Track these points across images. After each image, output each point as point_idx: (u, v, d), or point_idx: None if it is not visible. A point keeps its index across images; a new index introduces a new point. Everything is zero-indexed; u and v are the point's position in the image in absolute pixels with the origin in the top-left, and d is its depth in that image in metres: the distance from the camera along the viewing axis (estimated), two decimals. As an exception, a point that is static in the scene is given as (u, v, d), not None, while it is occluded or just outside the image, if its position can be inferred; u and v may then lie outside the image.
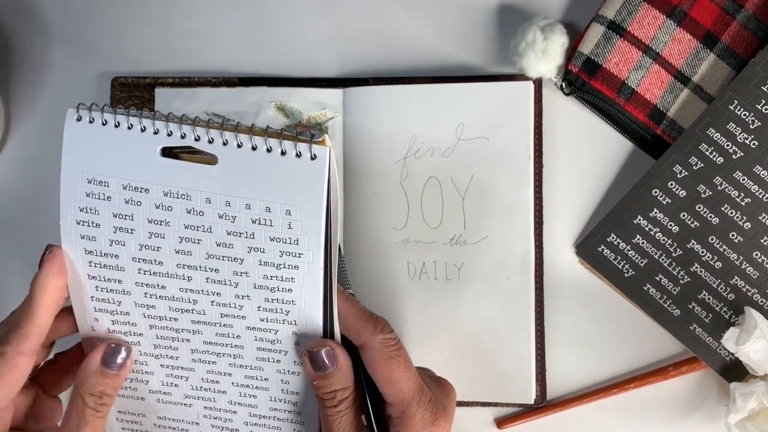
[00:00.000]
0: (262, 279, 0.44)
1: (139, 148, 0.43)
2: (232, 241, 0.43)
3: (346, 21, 0.59)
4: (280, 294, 0.44)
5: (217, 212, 0.43)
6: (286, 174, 0.42)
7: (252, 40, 0.60)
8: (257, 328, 0.45)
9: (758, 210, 0.53)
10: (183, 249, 0.44)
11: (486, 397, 0.56)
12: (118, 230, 0.44)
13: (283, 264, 0.43)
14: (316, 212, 0.42)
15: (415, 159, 0.57)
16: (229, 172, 0.42)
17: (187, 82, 0.59)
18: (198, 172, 0.43)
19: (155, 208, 0.43)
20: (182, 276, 0.44)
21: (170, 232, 0.43)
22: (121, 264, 0.44)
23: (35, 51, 0.61)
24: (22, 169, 0.61)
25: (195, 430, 0.50)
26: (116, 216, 0.44)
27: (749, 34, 0.55)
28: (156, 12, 0.60)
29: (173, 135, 0.43)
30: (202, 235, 0.43)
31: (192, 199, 0.43)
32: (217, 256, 0.43)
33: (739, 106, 0.53)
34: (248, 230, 0.43)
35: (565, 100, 0.57)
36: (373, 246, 0.57)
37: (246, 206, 0.43)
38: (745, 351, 0.50)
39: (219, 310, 0.45)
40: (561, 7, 0.58)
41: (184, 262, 0.44)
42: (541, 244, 0.56)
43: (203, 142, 0.42)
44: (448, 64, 0.59)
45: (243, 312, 0.45)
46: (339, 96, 0.58)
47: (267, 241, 0.43)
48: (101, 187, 0.44)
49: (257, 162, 0.42)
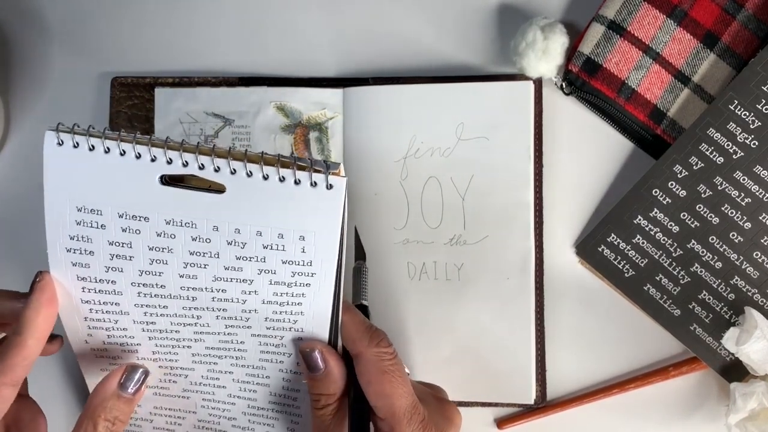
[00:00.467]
0: (271, 296, 0.42)
1: (134, 176, 0.40)
2: (241, 265, 0.41)
3: (346, 21, 0.59)
4: (289, 307, 0.43)
5: (226, 239, 0.41)
6: (301, 203, 0.40)
7: (252, 40, 0.60)
8: (262, 335, 0.45)
9: (758, 210, 0.53)
10: (188, 273, 0.42)
11: (486, 397, 0.56)
12: (115, 257, 0.41)
13: (295, 283, 0.42)
14: (332, 239, 0.40)
15: (415, 159, 0.57)
16: (239, 200, 0.40)
17: (186, 82, 0.59)
18: (204, 200, 0.40)
19: (156, 236, 0.41)
20: (187, 296, 0.43)
21: (173, 258, 0.41)
22: (119, 288, 0.42)
23: (35, 51, 0.61)
24: (22, 169, 0.61)
25: (192, 417, 0.50)
26: (112, 244, 0.41)
27: (749, 33, 0.55)
28: (156, 12, 0.60)
29: (173, 163, 0.40)
30: (209, 260, 0.41)
31: (198, 228, 0.41)
32: (225, 278, 0.42)
33: (740, 105, 0.53)
34: (259, 255, 0.41)
35: (565, 100, 0.57)
36: (373, 246, 0.57)
37: (257, 233, 0.40)
38: (745, 351, 0.50)
39: (224, 322, 0.44)
40: (561, 7, 0.58)
41: (189, 284, 0.42)
42: (541, 244, 0.56)
43: (209, 170, 0.39)
44: (448, 64, 0.59)
45: (249, 323, 0.44)
46: (339, 96, 0.58)
47: (279, 263, 0.41)
48: (93, 215, 0.41)
49: (269, 191, 0.40)
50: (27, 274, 0.58)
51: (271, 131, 0.58)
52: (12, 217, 0.60)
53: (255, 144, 0.58)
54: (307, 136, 0.58)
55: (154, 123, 0.58)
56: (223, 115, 0.58)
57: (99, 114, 0.60)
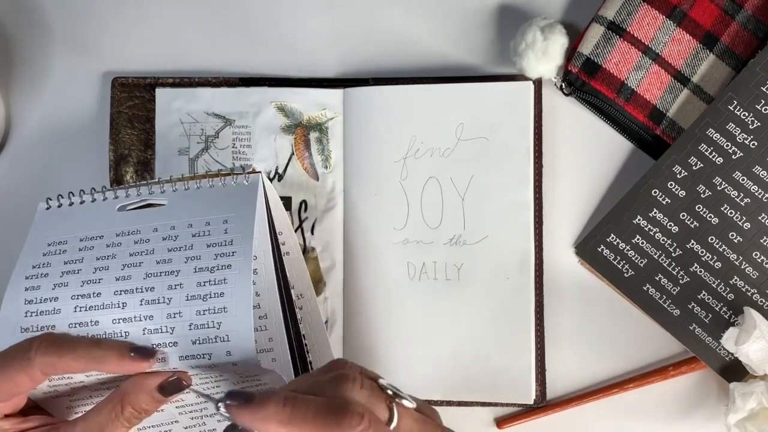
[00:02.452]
0: (195, 287, 0.44)
1: (99, 211, 0.49)
2: (171, 257, 0.45)
3: (346, 21, 0.59)
4: (212, 301, 0.44)
5: (162, 236, 0.46)
6: (226, 196, 0.47)
7: (252, 40, 0.60)
8: (190, 356, 0.43)
9: (758, 210, 0.53)
10: (123, 275, 0.45)
11: (486, 397, 0.56)
12: (65, 274, 0.46)
13: (217, 266, 0.44)
14: (249, 220, 0.46)
15: (415, 159, 0.57)
16: (177, 206, 0.48)
17: (187, 83, 0.59)
18: (151, 213, 0.48)
19: (105, 247, 0.47)
20: (117, 303, 0.45)
21: (115, 263, 0.46)
22: (59, 306, 0.45)
23: (36, 51, 0.61)
24: (23, 169, 0.61)
25: None
26: (67, 262, 0.47)
27: (749, 34, 0.55)
28: (156, 12, 0.60)
29: (130, 196, 0.49)
30: (145, 257, 0.46)
31: (141, 232, 0.47)
32: (155, 273, 0.45)
33: (739, 106, 0.53)
34: (188, 243, 0.46)
35: (565, 100, 0.57)
36: (373, 246, 0.57)
37: (188, 225, 0.47)
38: (744, 351, 0.51)
39: (150, 338, 0.44)
40: (561, 7, 0.58)
41: (122, 287, 0.45)
42: (540, 244, 0.56)
43: (156, 194, 0.49)
44: (448, 64, 0.59)
45: (174, 336, 0.44)
46: (339, 96, 0.58)
47: (204, 248, 0.45)
48: (59, 245, 0.48)
49: (201, 195, 0.48)
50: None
51: (271, 131, 0.58)
52: (12, 216, 0.60)
53: (255, 144, 0.58)
54: (307, 136, 0.58)
55: (154, 123, 0.59)
56: (224, 115, 0.58)
57: (99, 114, 0.60)
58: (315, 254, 0.58)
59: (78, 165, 0.60)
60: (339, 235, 0.58)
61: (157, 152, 0.58)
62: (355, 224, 0.57)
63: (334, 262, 0.58)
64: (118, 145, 0.59)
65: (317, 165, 0.58)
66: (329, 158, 0.58)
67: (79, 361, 0.43)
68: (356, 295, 0.57)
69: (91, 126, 0.60)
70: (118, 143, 0.59)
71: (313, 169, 0.58)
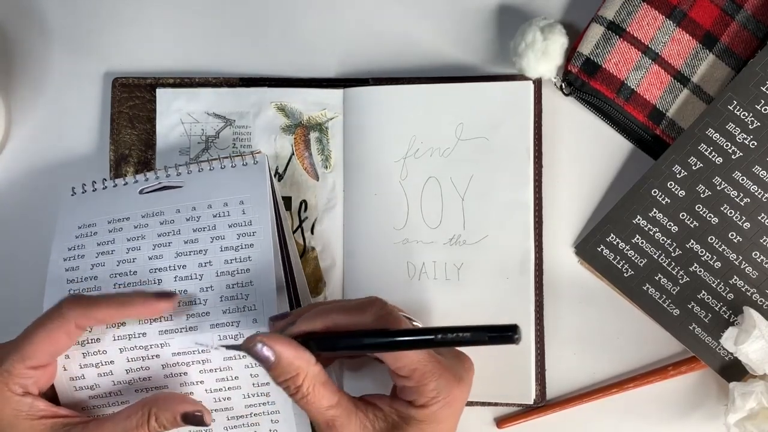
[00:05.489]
0: (223, 264, 0.50)
1: (121, 195, 0.54)
2: (197, 236, 0.51)
3: (346, 21, 0.60)
4: (240, 276, 0.50)
5: (185, 216, 0.52)
6: (237, 177, 0.53)
7: (252, 40, 0.60)
8: (221, 324, 0.49)
9: (757, 210, 0.53)
10: (155, 254, 0.51)
11: (486, 397, 0.56)
12: (100, 255, 0.51)
13: (241, 245, 0.50)
14: (263, 199, 0.52)
15: (415, 159, 0.57)
16: (194, 187, 0.53)
17: (187, 83, 0.59)
18: (170, 194, 0.53)
19: (134, 228, 0.52)
20: (154, 280, 0.50)
21: (146, 243, 0.51)
22: (99, 284, 0.50)
23: (36, 51, 0.61)
24: (23, 169, 0.61)
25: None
26: (100, 244, 0.52)
27: (748, 34, 0.55)
28: (157, 12, 0.60)
29: (149, 180, 0.54)
30: (173, 237, 0.51)
31: (165, 213, 0.52)
32: (185, 252, 0.51)
33: (739, 106, 0.53)
34: (210, 223, 0.51)
35: (565, 100, 0.57)
36: (373, 246, 0.57)
37: (208, 206, 0.52)
38: (744, 351, 0.51)
39: (185, 310, 0.49)
40: (561, 7, 0.58)
41: (156, 265, 0.51)
42: (540, 244, 0.56)
43: (172, 177, 0.54)
44: (448, 64, 0.59)
45: (206, 307, 0.49)
46: (339, 96, 0.58)
47: (226, 228, 0.51)
48: (89, 228, 0.52)
49: (214, 176, 0.54)
50: (27, 273, 0.58)
51: (271, 131, 0.58)
52: (13, 216, 0.60)
53: (255, 144, 0.58)
54: (307, 136, 0.58)
55: (155, 123, 0.59)
56: (224, 115, 0.58)
57: (100, 114, 0.60)
58: (315, 254, 0.58)
59: (78, 165, 0.60)
60: (339, 234, 0.58)
61: (157, 152, 0.59)
62: (355, 224, 0.57)
63: (334, 261, 0.58)
64: (118, 145, 0.59)
65: (317, 165, 0.58)
66: (329, 158, 0.58)
67: (109, 308, 0.47)
68: (356, 295, 0.57)
69: (92, 126, 0.60)
70: (118, 143, 0.59)
71: (313, 169, 0.58)
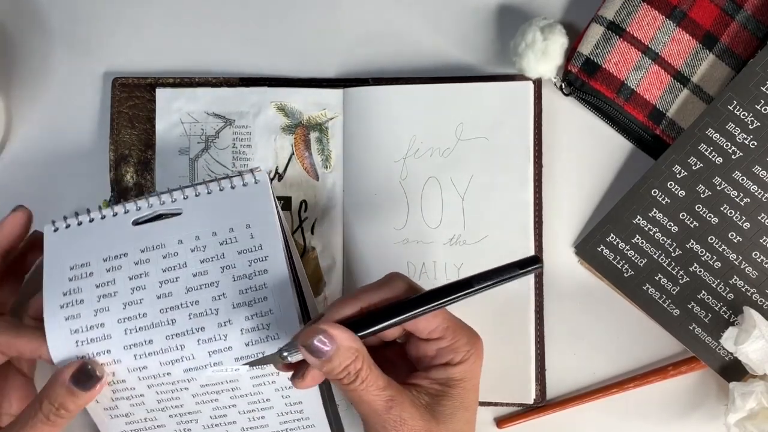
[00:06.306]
0: (238, 295, 0.46)
1: (113, 228, 0.49)
2: (206, 268, 0.47)
3: (346, 21, 0.60)
4: (258, 306, 0.46)
5: (189, 248, 0.47)
6: (239, 198, 0.49)
7: (252, 40, 0.60)
8: (245, 357, 0.46)
9: (757, 210, 0.53)
10: (163, 292, 0.47)
11: (486, 396, 0.56)
12: (102, 298, 0.47)
13: (254, 272, 0.46)
14: (270, 219, 0.48)
15: (415, 159, 0.57)
16: (194, 214, 0.48)
17: (187, 83, 0.59)
18: (168, 224, 0.48)
19: (134, 265, 0.47)
20: (167, 321, 0.46)
21: (150, 281, 0.47)
22: (107, 331, 0.46)
23: (36, 51, 0.61)
24: (23, 170, 0.61)
25: None
26: (99, 286, 0.47)
27: (748, 34, 0.55)
28: (157, 12, 0.61)
29: (142, 209, 0.49)
30: (180, 272, 0.47)
31: (166, 246, 0.47)
32: (195, 287, 0.47)
33: (738, 106, 0.53)
34: (218, 252, 0.47)
35: (565, 100, 0.57)
36: (373, 246, 0.57)
37: (213, 233, 0.48)
38: (744, 351, 0.51)
39: (206, 347, 0.46)
40: (561, 7, 0.58)
41: (167, 304, 0.46)
42: (540, 244, 0.56)
43: (167, 204, 0.49)
44: (448, 64, 0.59)
45: (228, 342, 0.46)
46: (339, 96, 0.58)
47: (236, 255, 0.47)
48: (83, 268, 0.48)
49: (215, 200, 0.49)
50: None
51: (271, 131, 0.58)
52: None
53: (255, 144, 0.58)
54: (307, 136, 0.58)
55: (155, 123, 0.59)
56: (224, 115, 0.58)
57: (100, 114, 0.60)
58: (315, 254, 0.58)
59: (78, 165, 0.60)
60: (339, 234, 0.58)
61: (157, 152, 0.59)
62: (355, 224, 0.57)
63: (334, 261, 0.58)
64: (118, 145, 0.59)
65: (317, 165, 0.58)
66: (329, 158, 0.58)
67: (30, 344, 0.47)
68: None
69: (92, 126, 0.60)
70: (118, 143, 0.59)
71: (313, 168, 0.58)
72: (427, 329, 0.46)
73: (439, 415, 0.45)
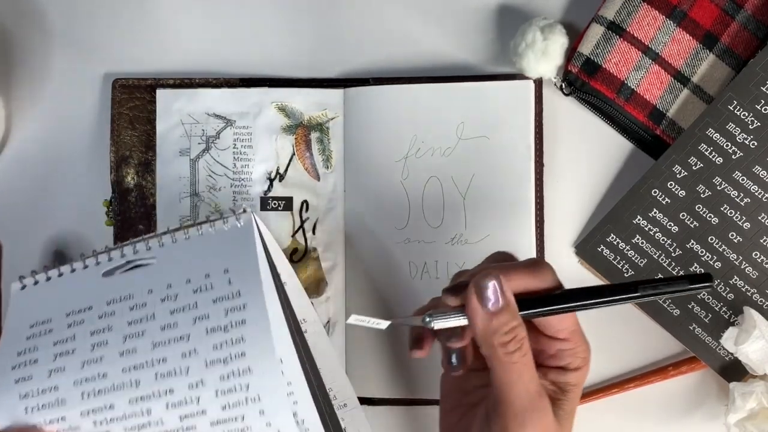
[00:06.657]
0: (211, 351, 0.40)
1: (83, 281, 0.44)
2: (176, 320, 0.41)
3: (346, 21, 0.59)
4: (234, 364, 0.40)
5: (160, 297, 0.42)
6: (219, 242, 0.43)
7: (253, 40, 0.60)
8: (221, 421, 0.40)
9: (757, 210, 0.53)
10: (127, 349, 0.41)
11: (486, 396, 0.56)
12: (58, 357, 0.42)
13: (230, 323, 0.40)
14: (252, 264, 0.41)
15: (416, 158, 0.57)
16: (169, 261, 0.43)
17: (188, 83, 0.59)
18: (139, 273, 0.44)
19: (98, 319, 0.42)
20: (130, 382, 0.41)
21: (113, 336, 0.42)
22: (62, 395, 0.41)
23: (36, 52, 0.61)
24: (23, 170, 0.61)
25: None
26: (56, 343, 0.42)
27: (749, 34, 0.55)
28: (157, 13, 0.60)
29: (114, 259, 0.44)
30: (146, 325, 0.42)
31: (134, 297, 0.42)
32: (163, 342, 0.41)
33: (739, 106, 0.53)
34: (190, 301, 0.41)
35: (565, 100, 0.57)
36: (375, 246, 0.57)
37: (186, 281, 0.42)
38: (744, 351, 0.51)
39: (176, 412, 0.40)
40: (561, 7, 0.58)
41: (130, 363, 0.41)
42: (541, 243, 0.56)
43: (141, 252, 0.44)
44: (448, 64, 0.59)
45: (201, 406, 0.40)
46: (339, 96, 0.58)
47: (210, 305, 0.41)
48: (44, 325, 0.43)
49: (192, 245, 0.44)
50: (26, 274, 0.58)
51: (272, 132, 0.58)
52: (12, 217, 0.60)
53: (256, 145, 0.58)
54: (308, 136, 0.58)
55: (155, 124, 0.59)
56: (225, 116, 0.58)
57: (100, 116, 0.60)
58: (316, 254, 0.58)
59: (79, 166, 0.60)
60: (340, 234, 0.58)
61: (158, 153, 0.59)
62: (357, 224, 0.58)
63: (336, 261, 0.58)
64: (119, 147, 0.59)
65: (318, 165, 0.58)
66: (330, 158, 0.58)
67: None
68: (358, 295, 0.57)
69: (92, 127, 0.60)
70: (119, 144, 0.59)
71: (314, 169, 0.58)
72: (557, 327, 0.42)
73: (558, 417, 0.42)
